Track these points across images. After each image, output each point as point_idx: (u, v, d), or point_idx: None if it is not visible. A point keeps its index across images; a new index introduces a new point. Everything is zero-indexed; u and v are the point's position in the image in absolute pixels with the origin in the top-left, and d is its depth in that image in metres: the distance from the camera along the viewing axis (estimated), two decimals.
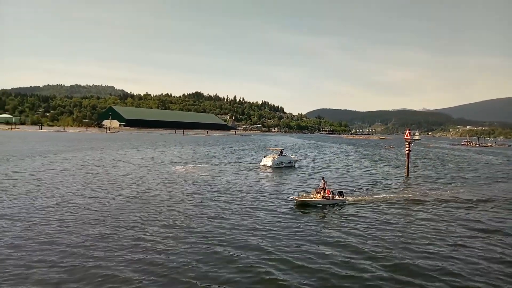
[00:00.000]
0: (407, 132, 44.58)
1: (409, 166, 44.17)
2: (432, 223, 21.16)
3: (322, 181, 26.48)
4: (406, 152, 43.52)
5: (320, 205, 24.39)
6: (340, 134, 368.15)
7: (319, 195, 25.09)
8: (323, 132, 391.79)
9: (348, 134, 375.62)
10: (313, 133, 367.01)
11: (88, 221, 18.86)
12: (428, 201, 27.59)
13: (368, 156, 77.55)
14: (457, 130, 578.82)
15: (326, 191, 25.24)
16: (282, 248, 15.90)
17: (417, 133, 56.03)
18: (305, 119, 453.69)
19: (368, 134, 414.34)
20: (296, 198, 24.65)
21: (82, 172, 37.01)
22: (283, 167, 48.12)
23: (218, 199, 25.50)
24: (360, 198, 27.69)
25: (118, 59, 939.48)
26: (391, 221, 21.19)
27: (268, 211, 22.54)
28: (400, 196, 29.33)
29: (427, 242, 17.56)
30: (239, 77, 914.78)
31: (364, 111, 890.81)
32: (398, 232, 19.04)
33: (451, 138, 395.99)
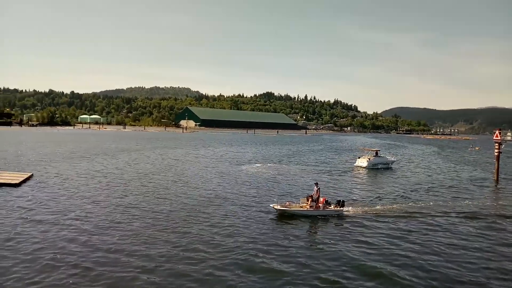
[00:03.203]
0: (497, 132, 40.14)
1: (500, 169, 39.81)
2: None
3: (315, 187, 21.78)
4: (496, 154, 39.26)
5: (304, 217, 20.41)
6: (418, 134, 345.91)
7: (305, 204, 21.11)
8: (400, 132, 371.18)
9: (427, 134, 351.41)
10: (389, 133, 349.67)
11: (166, 216, 19.57)
12: None
13: (451, 158, 71.60)
14: None
15: (319, 200, 21.23)
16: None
17: (509, 133, 50.39)
18: (380, 118, 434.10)
19: (450, 134, 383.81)
20: (275, 207, 20.71)
21: (162, 168, 38.90)
22: (379, 168, 46.47)
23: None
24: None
25: (194, 62, 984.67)
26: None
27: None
28: (486, 206, 25.78)
29: None
30: (311, 76, 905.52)
31: (446, 109, 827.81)
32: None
33: None
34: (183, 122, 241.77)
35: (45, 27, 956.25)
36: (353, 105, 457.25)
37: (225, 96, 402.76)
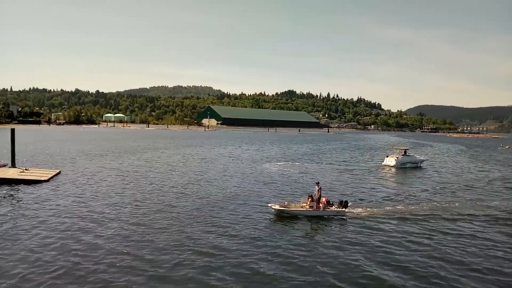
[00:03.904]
0: None
1: None
2: None
3: (316, 187, 21.26)
4: None
5: (303, 217, 19.84)
6: (444, 132, 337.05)
7: (305, 204, 20.55)
8: (425, 130, 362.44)
9: (453, 132, 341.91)
10: (414, 131, 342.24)
11: (184, 212, 19.73)
12: None
13: (479, 157, 69.36)
14: None
15: (321, 200, 20.65)
16: None
17: None
18: (404, 116, 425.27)
19: (478, 133, 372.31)
20: (273, 206, 20.33)
21: (183, 166, 39.31)
22: (408, 167, 45.69)
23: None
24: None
25: (216, 61, 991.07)
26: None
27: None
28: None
29: None
30: (333, 74, 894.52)
31: (473, 107, 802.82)
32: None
33: None
34: (205, 121, 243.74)
35: (72, 29, 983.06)
36: (376, 103, 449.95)
37: (247, 95, 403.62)
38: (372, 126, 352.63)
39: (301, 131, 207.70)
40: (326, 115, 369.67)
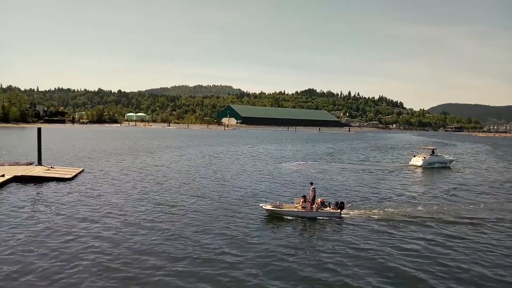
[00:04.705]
0: None
1: None
2: None
3: (311, 187, 20.57)
4: None
5: (295, 218, 19.20)
6: (469, 131, 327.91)
7: (298, 205, 19.85)
8: (449, 129, 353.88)
9: (479, 131, 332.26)
10: (437, 131, 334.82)
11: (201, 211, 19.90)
12: None
13: (507, 158, 67.17)
14: None
15: (315, 201, 19.98)
16: None
17: None
18: (427, 115, 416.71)
19: (506, 132, 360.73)
20: (265, 207, 19.82)
21: (202, 166, 39.64)
22: (436, 167, 44.89)
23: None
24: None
25: (236, 60, 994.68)
26: None
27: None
28: None
29: None
30: (354, 72, 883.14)
31: (501, 105, 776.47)
32: None
33: None
34: (224, 120, 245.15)
35: (95, 29, 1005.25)
36: (398, 102, 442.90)
37: (266, 94, 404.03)
38: (394, 125, 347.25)
39: (321, 130, 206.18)
40: (347, 114, 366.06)
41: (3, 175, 26.62)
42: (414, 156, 47.57)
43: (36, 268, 12.46)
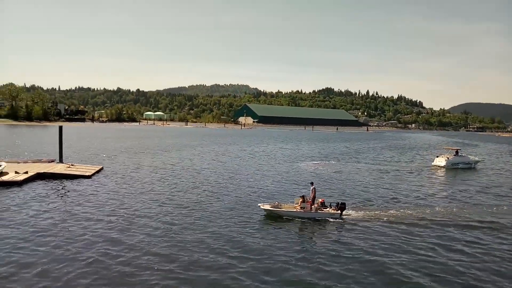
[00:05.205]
0: None
1: None
2: None
3: (311, 187, 20.36)
4: None
5: (293, 218, 18.97)
6: (492, 131, 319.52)
7: (297, 205, 19.66)
8: (470, 129, 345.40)
9: (503, 131, 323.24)
10: (458, 130, 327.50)
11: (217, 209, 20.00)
12: None
13: None
14: None
15: (315, 201, 19.73)
16: None
17: None
18: (448, 114, 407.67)
19: None
20: (263, 206, 19.57)
21: (218, 165, 39.86)
22: (460, 168, 44.01)
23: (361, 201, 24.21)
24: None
25: (253, 59, 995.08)
26: None
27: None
28: None
29: None
30: (373, 71, 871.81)
31: None
32: None
33: None
34: (241, 119, 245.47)
35: (113, 29, 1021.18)
36: (418, 101, 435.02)
37: (283, 93, 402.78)
38: (413, 124, 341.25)
39: (339, 130, 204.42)
40: (365, 113, 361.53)
41: (26, 172, 27.41)
42: (437, 157, 46.73)
43: (52, 262, 12.81)
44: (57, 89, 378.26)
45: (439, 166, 44.31)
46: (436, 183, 33.83)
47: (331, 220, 19.11)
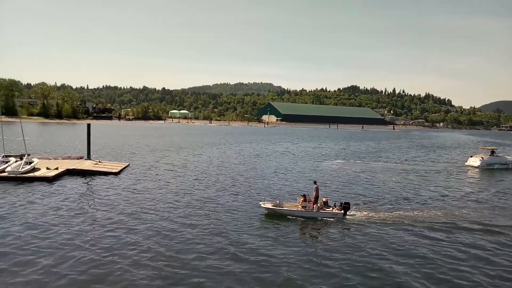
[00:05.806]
0: None
1: None
2: None
3: (314, 185, 20.01)
4: None
5: (294, 217, 18.59)
6: None
7: (298, 204, 19.26)
8: (503, 128, 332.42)
9: None
10: (489, 129, 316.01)
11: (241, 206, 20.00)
12: None
13: None
14: None
15: (318, 201, 19.29)
16: None
17: None
18: (478, 113, 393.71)
19: None
20: (264, 205, 19.29)
21: (242, 163, 39.95)
22: (496, 168, 42.49)
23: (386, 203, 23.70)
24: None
25: (277, 58, 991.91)
26: None
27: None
28: None
29: None
30: (399, 69, 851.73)
31: None
32: None
33: None
34: (265, 117, 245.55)
35: (140, 29, 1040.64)
36: (446, 99, 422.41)
37: (307, 91, 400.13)
38: (441, 123, 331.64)
39: (365, 128, 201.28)
40: (391, 112, 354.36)
41: (57, 168, 28.29)
42: (471, 157, 45.18)
43: (79, 255, 13.10)
44: (85, 87, 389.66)
45: (473, 166, 42.79)
46: (466, 184, 32.60)
47: (334, 220, 18.68)
